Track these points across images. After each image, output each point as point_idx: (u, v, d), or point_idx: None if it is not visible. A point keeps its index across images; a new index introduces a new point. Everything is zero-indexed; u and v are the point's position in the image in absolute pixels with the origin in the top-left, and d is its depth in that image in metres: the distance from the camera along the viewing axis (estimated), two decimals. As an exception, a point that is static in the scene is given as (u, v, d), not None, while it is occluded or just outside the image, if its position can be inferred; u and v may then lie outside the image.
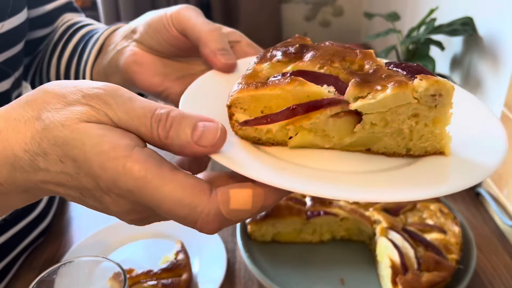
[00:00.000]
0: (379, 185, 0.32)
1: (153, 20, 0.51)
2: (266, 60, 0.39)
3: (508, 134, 0.35)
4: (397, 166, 0.34)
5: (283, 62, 0.38)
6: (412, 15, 1.14)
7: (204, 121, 0.32)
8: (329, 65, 0.36)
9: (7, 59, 0.57)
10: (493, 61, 0.78)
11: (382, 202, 0.29)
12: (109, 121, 0.32)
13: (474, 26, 0.83)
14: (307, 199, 0.68)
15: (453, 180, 0.32)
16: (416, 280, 0.54)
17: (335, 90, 0.34)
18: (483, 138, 0.36)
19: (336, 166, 0.35)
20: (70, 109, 0.33)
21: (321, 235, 0.68)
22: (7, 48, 0.57)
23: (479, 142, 0.35)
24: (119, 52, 0.54)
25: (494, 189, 0.76)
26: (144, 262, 0.65)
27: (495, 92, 0.77)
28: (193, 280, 0.62)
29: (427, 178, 0.33)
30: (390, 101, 0.33)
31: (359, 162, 0.35)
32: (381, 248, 0.60)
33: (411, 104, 0.34)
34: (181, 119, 0.32)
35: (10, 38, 0.57)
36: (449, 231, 0.61)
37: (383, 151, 0.36)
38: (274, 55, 0.39)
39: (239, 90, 0.35)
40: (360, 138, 0.35)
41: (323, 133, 0.36)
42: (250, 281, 0.63)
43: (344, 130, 0.35)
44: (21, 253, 0.66)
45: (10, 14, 0.56)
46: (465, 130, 0.36)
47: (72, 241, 0.71)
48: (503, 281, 0.63)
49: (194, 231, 0.70)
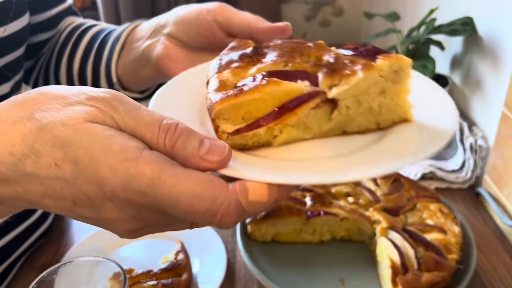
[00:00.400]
0: (366, 162, 0.34)
1: (189, 15, 0.53)
2: (224, 68, 0.39)
3: (508, 133, 0.36)
4: (373, 141, 0.37)
5: (242, 67, 0.38)
6: (412, 15, 1.14)
7: (210, 139, 0.33)
8: (293, 61, 0.37)
9: (8, 63, 0.57)
10: (493, 61, 0.78)
11: (373, 177, 0.30)
12: (115, 124, 0.31)
13: (474, 26, 0.83)
14: (307, 199, 0.68)
15: (425, 146, 0.35)
16: (416, 280, 0.54)
17: (309, 82, 0.36)
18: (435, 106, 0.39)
19: (323, 153, 0.37)
20: (72, 109, 0.31)
21: (321, 235, 0.68)
22: (9, 52, 0.57)
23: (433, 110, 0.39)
24: (150, 46, 0.56)
25: (494, 189, 0.76)
26: (144, 262, 0.65)
27: (495, 92, 0.77)
28: (193, 280, 0.62)
29: (404, 148, 0.36)
30: (362, 83, 0.36)
31: (339, 145, 0.37)
32: (381, 248, 0.60)
33: (379, 83, 0.36)
34: (189, 132, 0.32)
35: (12, 42, 0.57)
36: (449, 231, 0.61)
37: (357, 130, 0.39)
38: (230, 61, 0.39)
39: (219, 101, 0.35)
40: (336, 123, 0.38)
41: (304, 126, 0.37)
42: (250, 281, 0.63)
43: (323, 119, 0.37)
44: (21, 255, 0.66)
45: (12, 18, 0.55)
46: (420, 101, 0.39)
47: (72, 241, 0.71)
48: (503, 281, 0.63)
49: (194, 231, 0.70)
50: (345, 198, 0.68)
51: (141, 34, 0.60)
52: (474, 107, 0.85)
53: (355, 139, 0.38)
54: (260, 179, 0.31)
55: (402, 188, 0.70)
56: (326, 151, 0.37)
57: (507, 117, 0.72)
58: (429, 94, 0.41)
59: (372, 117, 0.38)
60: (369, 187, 0.70)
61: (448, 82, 0.88)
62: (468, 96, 0.87)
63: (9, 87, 0.59)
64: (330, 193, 0.69)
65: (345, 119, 0.38)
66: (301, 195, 0.69)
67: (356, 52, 0.38)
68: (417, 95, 0.39)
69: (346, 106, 0.37)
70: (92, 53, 0.64)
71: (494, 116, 0.76)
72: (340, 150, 0.37)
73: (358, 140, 0.38)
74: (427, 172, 0.82)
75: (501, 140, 0.74)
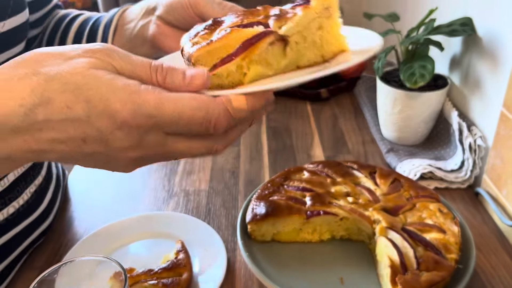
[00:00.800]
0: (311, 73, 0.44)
1: (173, 2, 0.61)
2: (193, 37, 0.47)
3: (507, 133, 0.36)
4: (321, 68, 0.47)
5: (208, 33, 0.46)
6: (412, 15, 1.15)
7: (190, 70, 0.40)
8: (247, 19, 0.46)
9: (9, 59, 0.57)
10: (492, 62, 0.78)
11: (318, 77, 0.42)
12: (114, 69, 0.37)
13: (474, 27, 0.83)
14: (306, 199, 0.68)
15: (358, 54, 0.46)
16: (416, 279, 0.54)
17: (263, 27, 0.44)
18: (363, 37, 0.49)
19: (281, 80, 0.45)
20: (75, 61, 0.35)
21: (321, 235, 0.68)
22: (9, 48, 0.57)
23: (361, 39, 0.49)
24: (144, 27, 0.64)
25: (493, 189, 0.76)
26: (145, 262, 0.65)
27: (494, 92, 0.77)
28: (194, 280, 0.62)
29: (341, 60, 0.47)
30: (304, 20, 0.45)
31: (294, 75, 0.46)
32: (381, 248, 0.60)
33: (316, 19, 0.46)
34: (173, 69, 0.39)
35: (11, 38, 0.57)
36: (449, 231, 0.61)
37: (308, 64, 0.47)
38: (197, 32, 0.47)
39: (196, 50, 0.43)
40: (290, 59, 0.46)
41: (266, 62, 0.45)
42: (250, 281, 0.63)
43: (279, 55, 0.45)
44: (22, 253, 0.67)
45: (10, 14, 0.56)
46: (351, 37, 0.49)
47: (73, 240, 0.72)
48: (502, 280, 0.63)
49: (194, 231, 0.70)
50: (345, 197, 0.68)
51: (132, 17, 0.66)
52: (473, 107, 0.85)
53: (307, 71, 0.47)
54: (237, 92, 0.40)
55: (401, 188, 0.70)
56: (284, 79, 0.46)
57: (506, 117, 0.72)
58: (357, 32, 0.51)
59: (317, 51, 0.47)
60: (369, 187, 0.70)
61: (448, 82, 0.89)
62: (467, 96, 0.87)
63: None
64: (329, 192, 0.69)
65: (296, 54, 0.46)
66: (301, 195, 0.69)
67: (295, 3, 0.47)
68: (349, 36, 0.49)
69: (295, 42, 0.45)
70: (84, 39, 0.69)
71: (493, 116, 0.77)
72: (292, 77, 0.46)
73: (309, 71, 0.47)
74: (426, 172, 0.82)
75: (500, 140, 0.74)
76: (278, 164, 0.91)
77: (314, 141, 1.00)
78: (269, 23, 0.45)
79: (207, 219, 0.76)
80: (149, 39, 0.63)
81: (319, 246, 0.68)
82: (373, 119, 1.03)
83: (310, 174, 0.74)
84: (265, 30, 0.43)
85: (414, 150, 0.91)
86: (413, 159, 0.86)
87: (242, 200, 0.81)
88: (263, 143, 0.99)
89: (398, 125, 0.91)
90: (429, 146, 0.93)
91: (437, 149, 0.90)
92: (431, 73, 0.81)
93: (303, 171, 0.75)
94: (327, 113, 1.12)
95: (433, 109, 0.88)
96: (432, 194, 0.68)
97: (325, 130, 1.04)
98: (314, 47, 0.47)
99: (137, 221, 0.73)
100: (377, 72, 0.91)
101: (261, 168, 0.90)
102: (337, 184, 0.71)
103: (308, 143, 0.99)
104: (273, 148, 0.97)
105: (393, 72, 0.96)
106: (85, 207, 0.80)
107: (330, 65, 0.47)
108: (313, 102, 1.18)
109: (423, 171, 0.81)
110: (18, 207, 0.63)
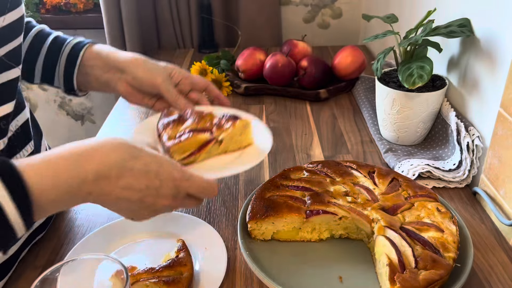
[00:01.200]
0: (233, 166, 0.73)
1: (142, 78, 0.76)
2: (165, 127, 0.76)
3: (505, 133, 0.36)
4: (239, 154, 0.76)
5: (175, 126, 0.75)
6: (410, 17, 1.15)
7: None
8: (200, 122, 0.76)
9: (9, 52, 0.60)
10: (490, 62, 0.79)
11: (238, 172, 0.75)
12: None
13: (471, 28, 0.84)
14: (306, 198, 0.68)
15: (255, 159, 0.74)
16: (414, 278, 0.55)
17: (210, 134, 0.74)
18: (262, 137, 0.78)
19: (216, 162, 0.75)
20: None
21: (320, 234, 0.69)
22: (9, 41, 0.60)
23: (261, 139, 0.78)
24: (111, 81, 0.77)
25: (491, 188, 0.77)
26: (146, 260, 0.65)
27: (492, 92, 0.78)
28: (194, 278, 0.62)
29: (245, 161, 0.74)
30: (232, 132, 0.74)
31: (223, 158, 0.75)
32: (379, 247, 0.61)
33: (238, 130, 0.75)
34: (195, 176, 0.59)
35: (11, 32, 0.60)
36: (447, 230, 0.62)
37: (232, 150, 0.76)
38: (168, 123, 0.76)
39: (171, 146, 0.71)
40: (222, 149, 0.75)
41: (209, 154, 0.74)
42: (250, 279, 0.64)
43: (216, 148, 0.74)
44: (22, 248, 0.67)
45: (9, 9, 0.59)
46: (256, 136, 0.79)
47: (74, 239, 0.72)
48: (499, 279, 0.63)
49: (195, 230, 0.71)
50: (344, 197, 0.69)
51: (96, 63, 0.77)
52: (471, 107, 0.86)
53: (231, 154, 0.76)
54: (215, 176, 0.69)
55: (400, 187, 0.70)
56: (217, 160, 0.74)
57: (503, 117, 0.72)
58: (259, 132, 0.79)
59: (237, 145, 0.76)
60: (368, 186, 0.71)
61: (446, 83, 0.89)
62: (465, 97, 0.88)
63: (16, 74, 0.63)
64: (329, 192, 0.69)
65: (225, 147, 0.75)
66: (300, 194, 0.69)
67: (228, 117, 0.76)
68: (256, 133, 0.79)
69: (226, 141, 0.75)
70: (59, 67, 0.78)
71: (491, 116, 0.77)
72: (224, 160, 0.75)
73: (233, 155, 0.76)
74: (424, 172, 0.83)
75: (497, 140, 0.75)
76: (278, 164, 0.92)
77: (313, 141, 1.00)
78: (212, 130, 0.74)
79: (207, 218, 0.76)
80: (116, 91, 0.78)
81: (318, 245, 0.68)
82: (372, 120, 1.04)
83: (309, 173, 0.74)
84: (211, 137, 0.73)
85: (412, 150, 0.92)
86: (412, 159, 0.87)
87: (242, 199, 0.81)
88: (263, 143, 1.00)
89: (397, 125, 0.92)
90: (427, 146, 0.93)
91: (435, 149, 0.91)
92: (429, 73, 0.82)
93: (303, 171, 0.76)
94: (327, 114, 1.12)
95: (431, 110, 0.89)
96: (430, 194, 0.69)
97: (325, 130, 1.05)
98: (236, 143, 0.76)
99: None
100: (376, 73, 0.91)
101: (261, 167, 0.90)
102: (336, 183, 0.72)
103: (307, 143, 0.99)
104: (273, 148, 0.98)
105: (391, 73, 0.96)
106: (87, 206, 0.80)
107: (244, 153, 0.76)
108: (313, 103, 1.18)
109: (421, 171, 0.82)
110: None
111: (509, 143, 0.71)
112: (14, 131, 0.65)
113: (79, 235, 0.73)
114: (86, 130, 1.99)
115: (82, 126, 1.99)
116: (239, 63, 1.24)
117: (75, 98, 1.93)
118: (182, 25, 1.60)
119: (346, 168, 0.75)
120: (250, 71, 1.23)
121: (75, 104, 1.94)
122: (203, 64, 1.23)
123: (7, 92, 0.61)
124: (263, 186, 0.72)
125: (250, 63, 1.23)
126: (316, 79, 1.18)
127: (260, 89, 1.22)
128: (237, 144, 0.76)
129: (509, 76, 0.71)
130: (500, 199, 0.74)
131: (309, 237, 0.69)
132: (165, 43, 1.64)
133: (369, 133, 1.03)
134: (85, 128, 1.99)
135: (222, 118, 0.76)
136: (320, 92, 1.17)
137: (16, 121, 0.66)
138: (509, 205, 0.71)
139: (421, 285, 0.54)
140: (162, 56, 1.54)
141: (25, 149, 0.67)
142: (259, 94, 1.23)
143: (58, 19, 1.67)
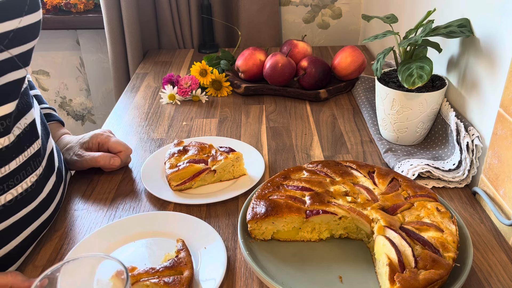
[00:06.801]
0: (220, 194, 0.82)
1: (91, 141, 0.90)
2: (170, 156, 0.87)
3: (504, 133, 0.36)
4: (232, 182, 0.86)
5: (179, 155, 0.87)
6: (410, 17, 1.16)
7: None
8: (199, 154, 0.86)
9: (21, 53, 0.62)
10: (489, 63, 0.79)
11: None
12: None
13: (471, 28, 0.84)
14: (306, 198, 0.68)
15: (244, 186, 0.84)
16: (414, 277, 0.55)
17: (205, 164, 0.84)
18: (257, 164, 0.89)
19: (211, 188, 0.85)
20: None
21: (320, 233, 0.69)
22: (24, 43, 0.61)
23: (256, 166, 0.89)
24: (69, 159, 0.89)
25: (490, 188, 0.77)
26: (146, 260, 0.66)
27: (491, 92, 0.78)
28: (194, 278, 0.63)
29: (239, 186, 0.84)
30: (225, 163, 0.84)
31: (218, 185, 0.85)
32: (379, 246, 0.61)
33: (231, 162, 0.84)
34: None
35: (26, 34, 0.61)
36: (446, 230, 0.62)
37: (226, 179, 0.86)
38: (173, 153, 0.87)
39: (170, 174, 0.82)
40: (216, 178, 0.85)
41: (204, 179, 0.84)
42: (250, 279, 0.64)
43: (211, 177, 0.84)
44: (23, 246, 0.67)
45: (28, 12, 0.60)
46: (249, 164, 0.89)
47: (74, 239, 0.72)
48: (499, 279, 0.63)
49: (195, 230, 0.71)
50: (344, 197, 0.69)
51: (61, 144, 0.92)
52: (471, 107, 0.86)
53: (226, 182, 0.86)
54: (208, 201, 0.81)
55: (399, 187, 0.71)
56: (212, 187, 0.85)
57: (503, 117, 0.73)
58: (253, 159, 0.91)
59: (230, 175, 0.86)
60: (367, 186, 0.71)
61: (445, 83, 0.89)
62: (464, 97, 0.88)
63: (22, 74, 0.64)
64: (328, 192, 0.69)
65: (219, 176, 0.85)
66: (300, 194, 0.69)
67: (223, 150, 0.86)
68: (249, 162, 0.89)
69: (219, 171, 0.84)
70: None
71: (490, 116, 0.77)
72: (217, 187, 0.85)
73: (228, 182, 0.86)
74: (424, 172, 0.83)
75: (497, 140, 0.75)
76: (278, 164, 0.92)
77: (313, 141, 1.00)
78: (208, 161, 0.84)
79: (207, 218, 0.76)
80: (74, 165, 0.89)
81: (318, 245, 0.69)
82: (372, 120, 1.04)
83: (309, 173, 0.75)
84: (205, 168, 0.83)
85: (412, 150, 0.92)
86: (411, 158, 0.87)
87: (242, 199, 0.81)
88: (263, 143, 1.00)
89: (397, 125, 0.92)
90: (427, 146, 0.93)
91: (435, 149, 0.91)
92: (429, 74, 0.82)
93: (303, 171, 0.76)
94: (326, 114, 1.13)
95: (431, 110, 0.89)
96: (430, 193, 0.69)
97: (324, 130, 1.05)
98: (229, 173, 0.86)
99: (138, 220, 0.73)
100: (376, 73, 0.91)
101: (261, 168, 0.90)
102: (336, 183, 0.72)
103: (307, 143, 0.99)
104: (273, 148, 0.98)
105: (391, 73, 0.96)
106: (87, 206, 0.80)
107: (236, 182, 0.85)
108: (313, 103, 1.18)
109: (421, 171, 0.82)
110: (17, 194, 0.64)
111: (509, 143, 0.71)
112: (22, 129, 0.66)
113: (79, 235, 0.73)
114: (86, 130, 1.99)
115: (82, 126, 1.99)
116: (239, 63, 1.24)
117: (75, 98, 1.93)
118: (182, 25, 1.60)
119: (346, 168, 0.76)
120: (250, 71, 1.23)
121: (76, 104, 1.95)
122: (203, 64, 1.23)
123: (12, 91, 0.63)
124: (263, 186, 0.73)
125: (250, 63, 1.23)
126: (316, 79, 1.18)
127: (260, 89, 1.22)
128: (231, 174, 0.85)
129: (508, 76, 0.71)
130: (499, 199, 0.74)
131: (309, 237, 0.69)
132: (165, 43, 1.64)
133: (369, 133, 1.03)
134: (85, 128, 1.99)
135: (218, 151, 0.86)
136: (320, 92, 1.17)
137: (25, 119, 0.67)
138: (509, 205, 0.72)
139: (421, 284, 0.54)
140: (162, 56, 1.55)
141: (32, 146, 0.68)
142: (259, 94, 1.23)
143: (58, 19, 1.68)
